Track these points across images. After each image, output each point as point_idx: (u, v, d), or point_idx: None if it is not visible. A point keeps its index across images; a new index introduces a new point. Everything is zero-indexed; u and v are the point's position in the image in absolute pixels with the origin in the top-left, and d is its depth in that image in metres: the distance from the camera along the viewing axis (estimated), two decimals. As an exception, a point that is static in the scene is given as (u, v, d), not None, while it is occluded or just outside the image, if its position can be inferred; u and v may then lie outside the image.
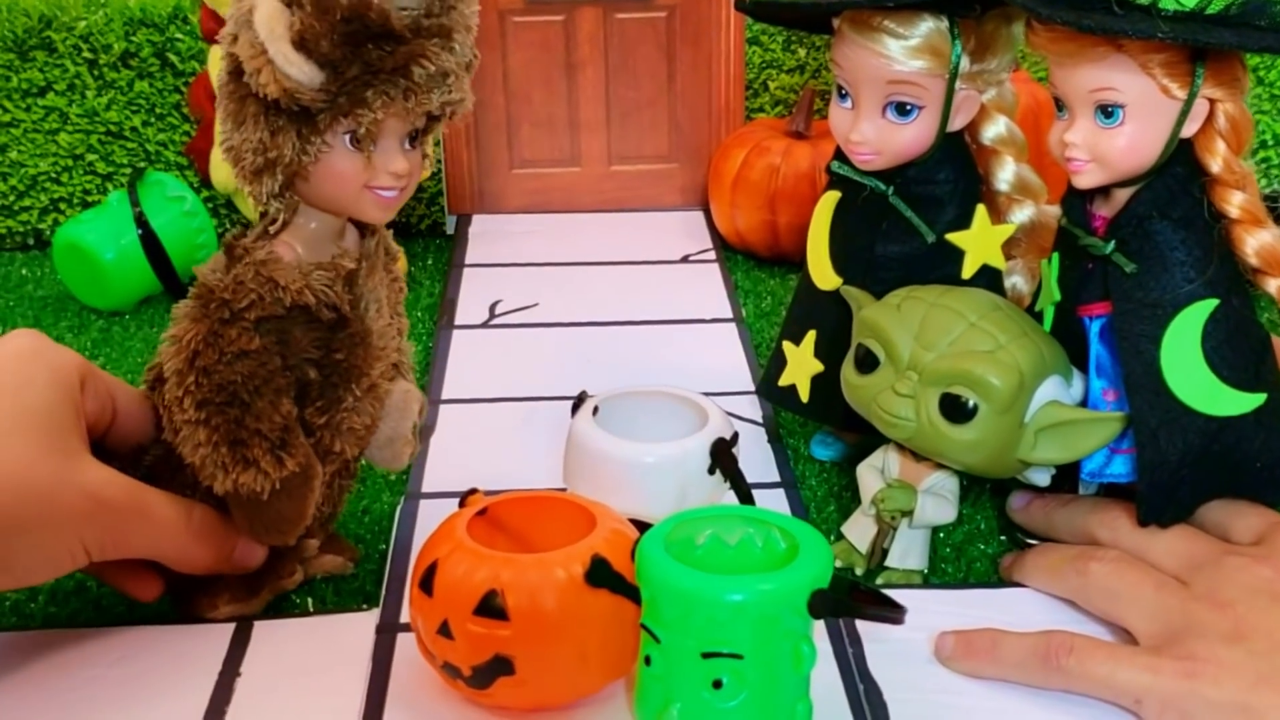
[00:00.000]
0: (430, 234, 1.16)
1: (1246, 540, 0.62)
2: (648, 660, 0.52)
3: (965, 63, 0.67)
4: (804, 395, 0.75)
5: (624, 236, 1.15)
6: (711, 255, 1.10)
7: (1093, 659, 0.57)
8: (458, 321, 0.98)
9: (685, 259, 1.10)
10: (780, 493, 0.75)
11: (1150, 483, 0.63)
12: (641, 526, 0.55)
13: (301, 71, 0.52)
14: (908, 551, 0.67)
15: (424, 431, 0.82)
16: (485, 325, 0.98)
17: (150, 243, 0.99)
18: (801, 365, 0.75)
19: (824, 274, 0.74)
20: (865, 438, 0.71)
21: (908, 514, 0.66)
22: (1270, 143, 1.14)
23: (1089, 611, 0.63)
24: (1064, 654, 0.57)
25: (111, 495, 0.57)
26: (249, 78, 0.54)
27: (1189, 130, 0.61)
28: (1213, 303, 0.62)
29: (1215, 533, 0.64)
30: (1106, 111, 0.61)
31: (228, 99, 0.56)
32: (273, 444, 0.58)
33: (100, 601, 0.66)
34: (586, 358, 0.92)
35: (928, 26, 0.66)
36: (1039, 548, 0.68)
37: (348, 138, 0.56)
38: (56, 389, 0.58)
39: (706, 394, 0.69)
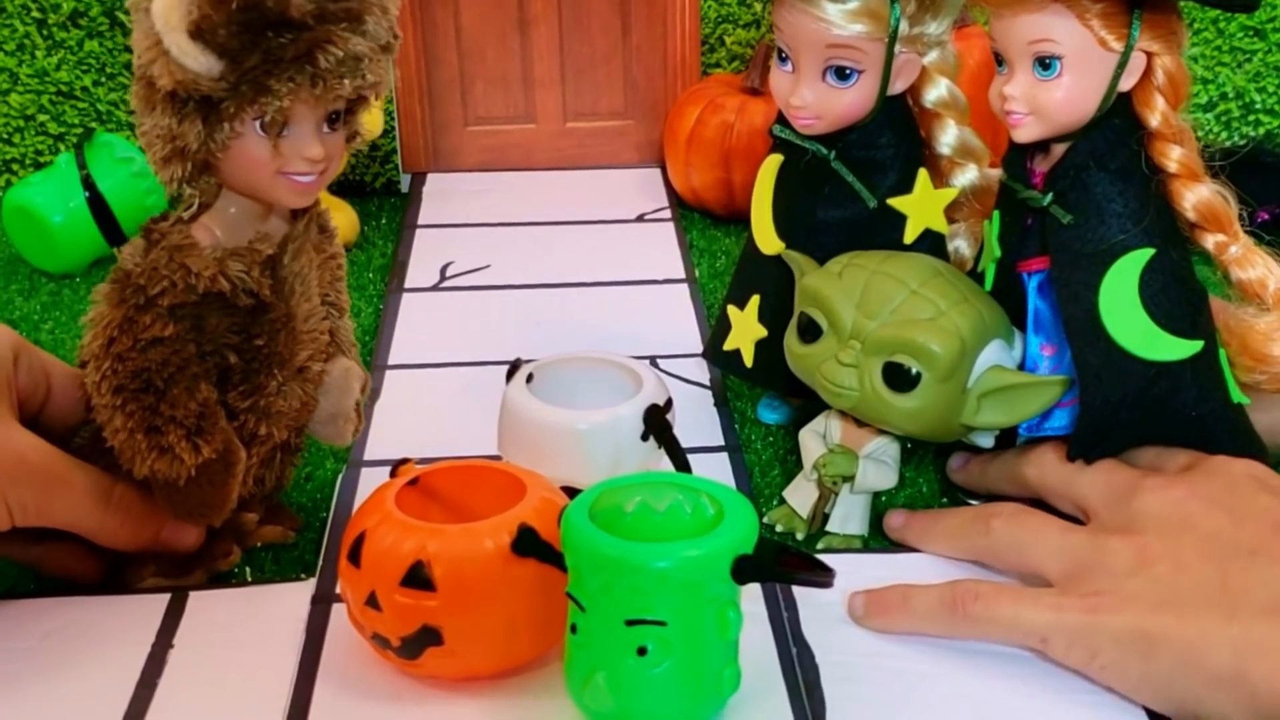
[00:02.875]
0: (385, 192, 1.15)
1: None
2: (574, 629, 0.52)
3: (904, 26, 0.66)
4: (748, 360, 0.75)
5: (580, 195, 1.14)
6: (667, 214, 1.09)
7: (998, 603, 0.57)
8: (408, 285, 0.97)
9: (641, 218, 1.09)
10: (724, 457, 0.75)
11: (1089, 420, 0.63)
12: (575, 494, 0.55)
13: (198, 62, 0.51)
14: (848, 517, 0.67)
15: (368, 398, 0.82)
16: (435, 288, 0.97)
17: (98, 205, 0.98)
18: (745, 330, 0.75)
19: (767, 238, 0.73)
20: (811, 401, 0.71)
21: (849, 479, 0.66)
22: (1231, 95, 1.13)
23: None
24: (970, 601, 0.58)
25: (36, 460, 0.58)
26: (144, 68, 0.53)
27: (1126, 84, 0.61)
28: (1149, 252, 0.61)
29: None
30: (1044, 64, 0.60)
31: (138, 84, 0.55)
32: (189, 430, 0.58)
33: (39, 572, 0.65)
34: (535, 321, 0.91)
35: (866, -12, 0.65)
36: (928, 513, 0.67)
37: (257, 124, 0.54)
38: None
39: (656, 357, 0.69)
